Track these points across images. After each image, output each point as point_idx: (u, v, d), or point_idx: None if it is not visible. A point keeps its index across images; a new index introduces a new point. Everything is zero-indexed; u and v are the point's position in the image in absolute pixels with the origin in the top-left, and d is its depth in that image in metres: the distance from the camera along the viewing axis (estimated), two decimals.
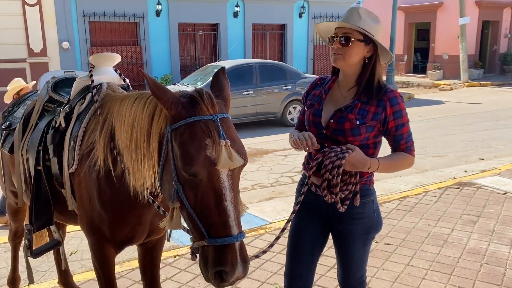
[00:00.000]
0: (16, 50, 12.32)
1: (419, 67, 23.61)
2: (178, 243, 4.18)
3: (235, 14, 15.58)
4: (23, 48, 12.49)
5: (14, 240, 3.12)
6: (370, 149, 2.08)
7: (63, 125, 2.20)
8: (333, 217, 2.15)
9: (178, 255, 3.95)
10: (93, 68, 2.30)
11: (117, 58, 2.39)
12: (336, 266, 2.40)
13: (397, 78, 18.46)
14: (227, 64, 11.14)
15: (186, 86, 10.43)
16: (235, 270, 1.49)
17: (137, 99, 1.82)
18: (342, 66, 2.07)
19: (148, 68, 14.27)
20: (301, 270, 2.25)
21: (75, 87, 2.29)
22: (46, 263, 3.83)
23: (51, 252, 3.11)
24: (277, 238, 2.07)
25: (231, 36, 15.53)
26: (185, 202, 1.56)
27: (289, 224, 2.19)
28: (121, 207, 2.03)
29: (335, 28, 2.07)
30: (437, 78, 21.24)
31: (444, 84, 19.83)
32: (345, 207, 2.02)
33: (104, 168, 1.96)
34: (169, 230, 2.47)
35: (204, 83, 10.21)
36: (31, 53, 12.59)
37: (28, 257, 2.41)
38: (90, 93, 2.20)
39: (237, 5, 15.50)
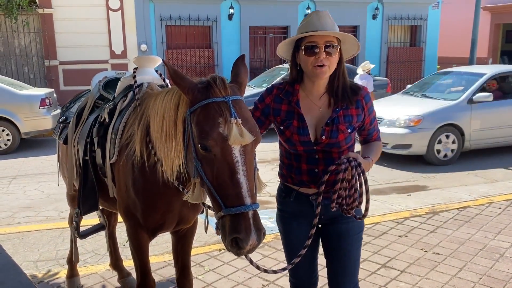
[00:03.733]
0: (99, 52, 13.43)
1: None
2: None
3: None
4: (106, 50, 13.57)
5: (72, 223, 3.45)
6: (352, 146, 2.11)
7: (107, 119, 2.43)
8: (326, 220, 2.11)
9: (223, 249, 4.10)
10: (136, 69, 2.51)
11: (157, 60, 2.60)
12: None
13: None
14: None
15: (252, 87, 10.66)
16: (249, 237, 1.60)
17: (167, 93, 2.01)
18: (325, 78, 1.99)
19: (219, 70, 14.75)
20: (303, 274, 2.26)
21: (119, 86, 2.53)
22: (104, 247, 4.16)
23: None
24: (292, 263, 2.05)
25: None
26: (204, 176, 1.72)
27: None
28: (152, 195, 2.21)
29: (302, 38, 1.94)
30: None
31: None
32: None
33: (140, 158, 2.15)
34: (206, 222, 2.63)
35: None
36: (112, 55, 13.62)
37: (77, 238, 2.68)
38: (132, 92, 2.41)
39: (308, 7, 15.51)
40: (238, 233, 1.60)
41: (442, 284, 3.44)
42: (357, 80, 9.80)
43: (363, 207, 1.99)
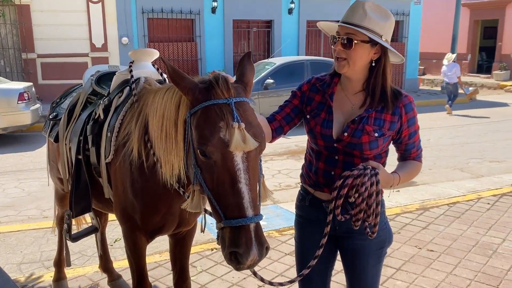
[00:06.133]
0: (79, 45, 13.04)
1: (484, 67, 22.35)
2: (216, 237, 4.23)
3: (290, 11, 15.52)
4: (86, 43, 13.18)
5: (60, 224, 3.30)
6: (383, 158, 1.95)
7: (101, 116, 2.30)
8: (341, 233, 1.97)
9: (215, 248, 4.01)
10: (132, 63, 2.38)
11: (155, 54, 2.47)
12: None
13: None
14: (279, 60, 11.14)
15: None
16: (250, 252, 1.48)
17: (167, 91, 1.88)
18: (347, 73, 1.86)
19: (202, 64, 14.57)
20: None
21: (115, 81, 2.39)
22: (91, 248, 4.04)
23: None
24: (301, 275, 1.94)
25: (285, 33, 15.49)
26: (203, 184, 1.60)
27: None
28: (152, 197, 2.10)
29: (338, 26, 1.83)
30: (503, 79, 20.02)
31: (511, 86, 18.65)
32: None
33: (138, 158, 2.03)
34: (203, 222, 2.53)
35: (255, 80, 10.27)
36: (93, 48, 13.25)
37: (68, 241, 2.54)
38: (128, 87, 2.28)
39: (292, 2, 15.43)
40: (238, 247, 1.48)
41: (438, 282, 3.42)
42: (445, 69, 12.23)
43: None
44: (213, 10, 14.46)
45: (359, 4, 1.80)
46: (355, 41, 1.77)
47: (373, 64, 1.84)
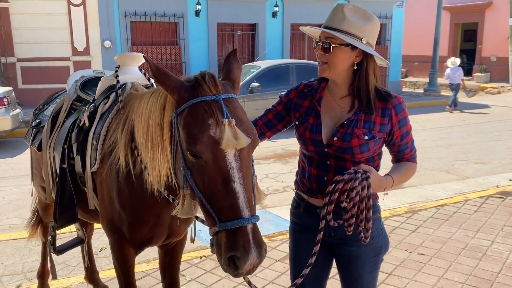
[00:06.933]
0: (61, 49, 12.81)
1: (465, 69, 22.64)
2: (205, 244, 4.16)
3: (274, 14, 15.51)
4: (68, 46, 12.96)
5: (44, 235, 3.19)
6: (376, 161, 1.92)
7: (87, 124, 2.21)
8: (337, 240, 1.93)
9: (204, 256, 3.93)
10: (118, 68, 2.30)
11: (141, 58, 2.39)
12: None
13: (440, 80, 17.85)
14: (264, 64, 11.11)
15: None
16: (248, 255, 1.40)
17: (153, 94, 1.80)
18: (330, 77, 1.85)
19: (186, 67, 14.45)
20: None
21: (100, 87, 2.30)
22: (76, 258, 3.91)
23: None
24: (294, 285, 1.87)
25: (269, 36, 15.49)
26: (194, 187, 1.52)
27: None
28: (140, 207, 2.01)
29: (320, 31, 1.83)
30: (483, 81, 20.38)
31: (491, 88, 18.99)
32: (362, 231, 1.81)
33: (125, 167, 1.95)
34: (193, 232, 2.45)
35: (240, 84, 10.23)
36: (74, 51, 13.03)
37: (52, 253, 2.44)
38: (114, 93, 2.20)
39: (276, 5, 15.43)
40: (235, 251, 1.40)
41: (430, 286, 3.40)
42: (449, 72, 13.58)
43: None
44: (197, 13, 14.37)
45: (338, 8, 1.79)
46: (333, 45, 1.75)
47: (355, 68, 1.81)
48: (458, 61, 13.65)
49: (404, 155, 1.95)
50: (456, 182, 6.42)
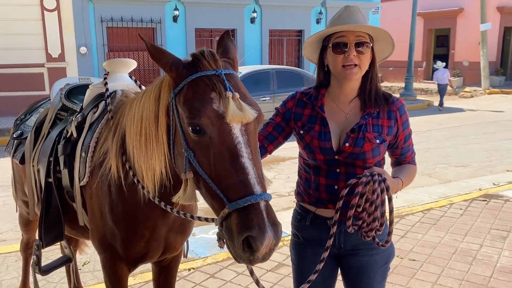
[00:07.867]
0: (34, 55, 12.43)
1: None
2: (193, 255, 4.03)
3: (252, 20, 15.51)
4: (42, 53, 12.60)
5: (26, 251, 3.01)
6: (382, 166, 1.88)
7: (74, 135, 2.08)
8: (346, 251, 1.87)
9: (193, 268, 3.80)
10: (107, 74, 2.18)
11: (132, 64, 2.27)
12: None
13: (415, 85, 18.18)
14: (243, 70, 11.04)
15: None
16: (265, 234, 1.27)
17: (146, 92, 1.70)
18: (357, 79, 1.78)
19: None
20: None
21: (88, 95, 2.17)
22: (57, 273, 3.71)
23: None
24: None
25: (248, 42, 15.45)
26: (198, 168, 1.40)
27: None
28: (134, 220, 1.89)
29: (331, 36, 1.74)
30: (456, 86, 20.84)
31: (464, 92, 19.43)
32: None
33: (117, 176, 1.83)
34: (185, 247, 2.34)
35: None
36: (49, 58, 12.68)
37: (37, 274, 2.28)
38: (104, 101, 2.08)
39: (254, 11, 15.43)
40: (250, 230, 1.27)
41: None
42: (437, 74, 15.26)
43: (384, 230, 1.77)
44: (175, 18, 14.23)
45: (355, 9, 1.76)
46: (366, 45, 1.72)
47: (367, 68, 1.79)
48: (443, 64, 15.53)
49: (406, 158, 1.93)
50: (439, 185, 6.47)
